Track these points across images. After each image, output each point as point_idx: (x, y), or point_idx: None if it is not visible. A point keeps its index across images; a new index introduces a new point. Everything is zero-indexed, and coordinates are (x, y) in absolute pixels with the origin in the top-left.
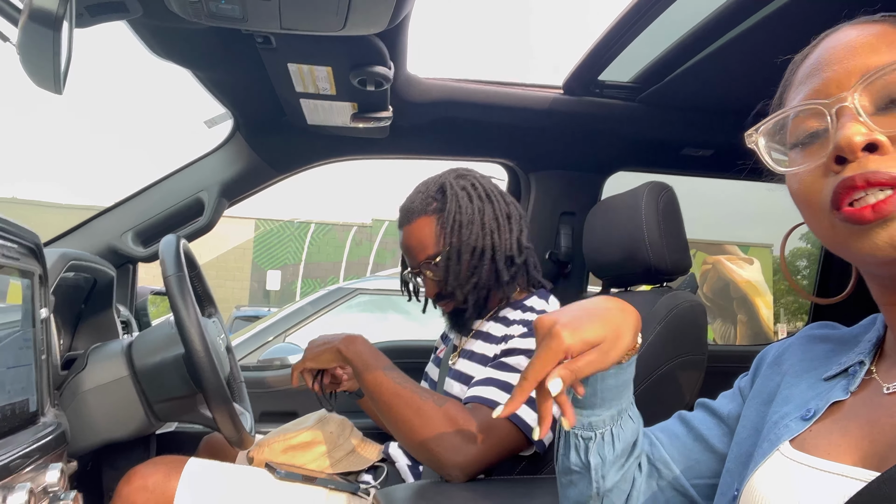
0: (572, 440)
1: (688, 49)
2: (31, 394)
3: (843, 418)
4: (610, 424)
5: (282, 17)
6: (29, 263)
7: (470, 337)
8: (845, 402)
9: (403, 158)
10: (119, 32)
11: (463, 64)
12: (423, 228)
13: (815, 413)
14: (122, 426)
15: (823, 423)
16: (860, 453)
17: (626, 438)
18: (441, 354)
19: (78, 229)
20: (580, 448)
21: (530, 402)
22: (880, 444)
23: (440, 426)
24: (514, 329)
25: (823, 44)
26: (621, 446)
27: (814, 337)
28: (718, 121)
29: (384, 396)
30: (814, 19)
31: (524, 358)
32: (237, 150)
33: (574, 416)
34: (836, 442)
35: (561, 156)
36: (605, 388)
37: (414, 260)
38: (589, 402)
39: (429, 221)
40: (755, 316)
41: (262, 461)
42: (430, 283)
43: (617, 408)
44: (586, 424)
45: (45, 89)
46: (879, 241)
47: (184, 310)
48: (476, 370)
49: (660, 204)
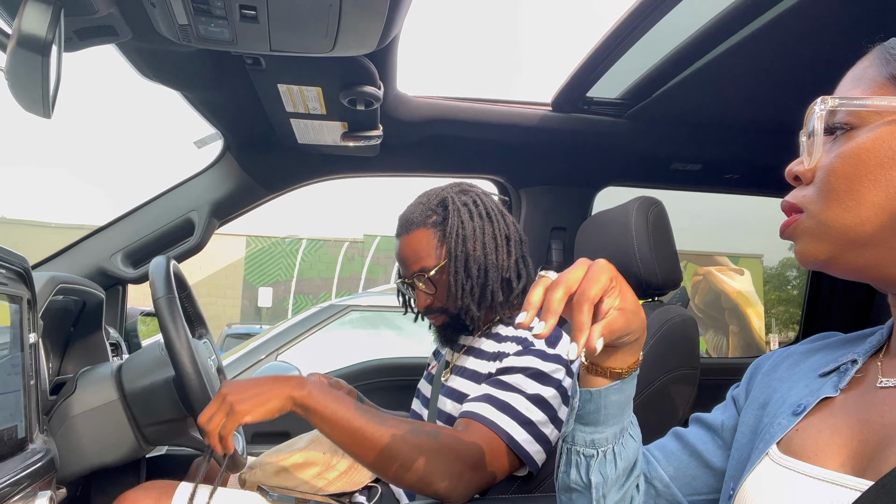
0: (574, 457)
1: (675, 66)
2: (20, 420)
3: (833, 416)
4: (612, 442)
5: (271, 39)
6: (17, 288)
7: (462, 353)
8: (835, 399)
9: (394, 176)
10: (107, 55)
11: (452, 82)
12: (421, 240)
13: (804, 408)
14: (112, 451)
15: (812, 419)
16: (849, 454)
17: (628, 457)
18: (433, 371)
19: (67, 251)
20: (581, 466)
21: (523, 423)
22: (870, 445)
23: (440, 459)
24: (507, 346)
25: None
26: (623, 465)
27: (814, 347)
28: (706, 135)
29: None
30: (798, 36)
31: (522, 377)
32: (227, 169)
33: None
34: (825, 442)
35: (551, 172)
36: (609, 404)
37: (408, 270)
38: (592, 418)
39: (427, 234)
40: (747, 326)
41: (254, 483)
42: (421, 294)
43: (619, 425)
44: (589, 442)
45: (34, 114)
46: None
47: (174, 332)
48: (469, 387)
49: (650, 218)
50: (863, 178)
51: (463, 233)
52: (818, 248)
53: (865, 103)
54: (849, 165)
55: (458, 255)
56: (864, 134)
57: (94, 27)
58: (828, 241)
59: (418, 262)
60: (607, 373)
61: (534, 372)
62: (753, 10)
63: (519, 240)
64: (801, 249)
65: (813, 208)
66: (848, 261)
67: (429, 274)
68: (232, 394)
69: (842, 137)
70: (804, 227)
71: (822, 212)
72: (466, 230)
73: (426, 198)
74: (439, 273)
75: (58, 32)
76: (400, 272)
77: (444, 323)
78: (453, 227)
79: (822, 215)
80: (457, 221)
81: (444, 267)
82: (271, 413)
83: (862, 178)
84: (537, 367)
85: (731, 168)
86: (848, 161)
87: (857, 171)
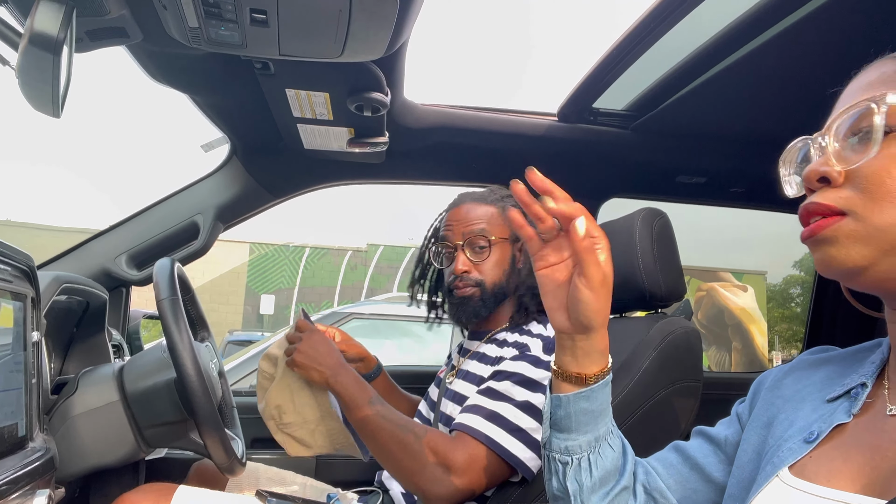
0: (552, 464)
1: (681, 78)
2: (20, 418)
3: (845, 444)
4: (587, 451)
5: (280, 43)
6: (22, 286)
7: (467, 358)
8: (848, 425)
9: (399, 183)
10: (117, 56)
11: (459, 90)
12: (491, 212)
13: (818, 436)
14: (112, 452)
15: (825, 447)
16: (863, 480)
17: (605, 466)
18: (441, 375)
19: (72, 252)
20: (559, 473)
21: (514, 432)
22: (883, 471)
23: (421, 458)
24: (506, 351)
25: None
26: (599, 474)
27: (814, 361)
28: (712, 148)
29: (368, 429)
30: (805, 49)
31: (510, 384)
32: (233, 174)
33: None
34: (837, 468)
35: (555, 182)
36: (579, 412)
37: (467, 228)
38: (564, 424)
39: (497, 211)
40: (750, 343)
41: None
42: (464, 259)
43: (593, 434)
44: (563, 448)
45: (44, 113)
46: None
47: (177, 334)
48: (469, 389)
49: (654, 230)
50: None
51: None
52: (861, 254)
53: None
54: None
55: (521, 247)
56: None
57: (106, 28)
58: (873, 246)
59: (482, 224)
60: (572, 378)
61: (522, 378)
62: (760, 23)
63: None
64: (838, 254)
65: (861, 211)
66: (883, 269)
67: (490, 237)
68: (303, 346)
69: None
70: (848, 229)
71: (873, 214)
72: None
73: (497, 189)
74: (499, 244)
75: (69, 32)
76: (444, 236)
77: (469, 296)
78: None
79: (874, 218)
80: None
81: (507, 243)
82: (310, 379)
83: None
84: (527, 375)
85: (737, 181)
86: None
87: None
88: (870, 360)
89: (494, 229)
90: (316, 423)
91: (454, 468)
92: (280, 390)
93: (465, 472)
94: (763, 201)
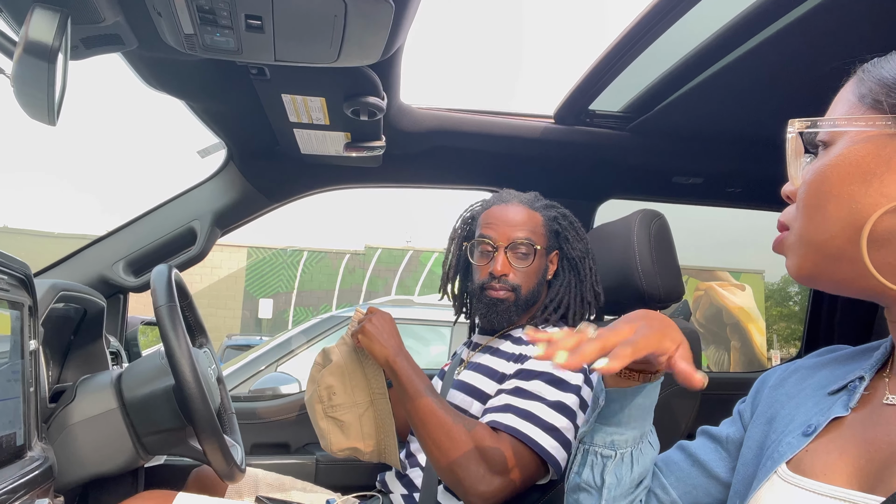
0: (590, 457)
1: (677, 79)
2: (18, 427)
3: (842, 436)
4: (631, 446)
5: (276, 49)
6: (19, 294)
7: (478, 351)
8: (845, 418)
9: (397, 187)
10: (112, 63)
11: (455, 94)
12: (535, 219)
13: (815, 429)
14: (111, 460)
15: (822, 440)
16: (856, 473)
17: (645, 464)
18: (446, 368)
19: (69, 259)
20: (597, 466)
21: (549, 431)
22: (876, 463)
23: (468, 453)
24: (528, 349)
25: None
26: (639, 470)
27: (819, 361)
28: (707, 149)
29: (419, 415)
30: (800, 51)
31: (540, 383)
32: (230, 179)
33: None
34: (832, 462)
35: (552, 184)
36: (634, 406)
37: (512, 232)
38: (616, 419)
39: (540, 219)
40: (748, 342)
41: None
42: (506, 262)
43: (641, 430)
44: (608, 443)
45: (39, 121)
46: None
47: (174, 341)
48: (483, 382)
49: (651, 231)
50: (827, 193)
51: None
52: (801, 264)
53: (833, 123)
54: (817, 182)
55: (562, 254)
56: (832, 151)
57: (101, 35)
58: (807, 257)
59: (528, 231)
60: (637, 376)
61: (551, 378)
62: (754, 25)
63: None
64: (788, 264)
65: (793, 224)
66: (829, 275)
67: (536, 246)
68: (375, 319)
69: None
70: (788, 242)
71: (799, 228)
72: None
73: (535, 196)
74: (540, 253)
75: (64, 40)
76: (486, 234)
77: (502, 299)
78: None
79: (800, 231)
80: (573, 234)
81: (544, 252)
82: (372, 353)
83: (827, 194)
84: (555, 374)
85: (733, 182)
86: (816, 178)
87: (822, 188)
88: (874, 355)
89: (538, 238)
90: (365, 407)
91: (497, 466)
92: (333, 371)
93: (508, 470)
94: (759, 201)
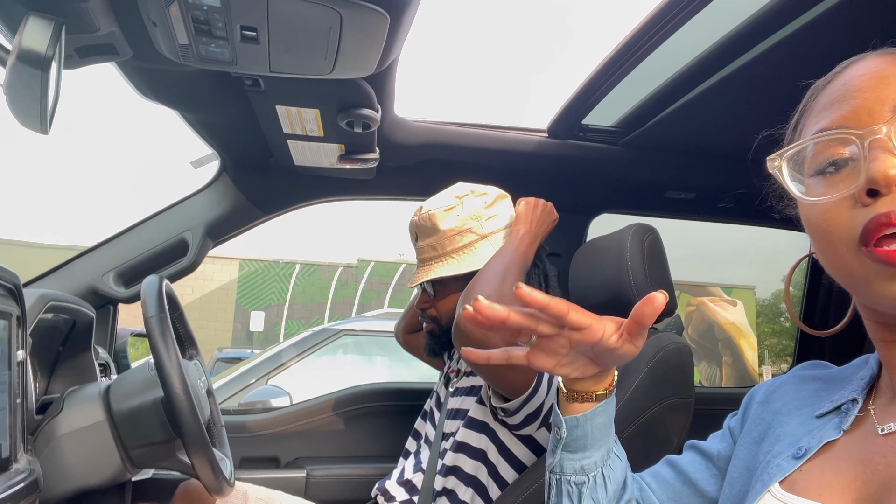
0: (564, 487)
1: (670, 95)
2: (4, 439)
3: (836, 457)
4: (601, 465)
5: (271, 60)
6: (7, 304)
7: (462, 376)
8: (838, 440)
9: (390, 199)
10: (106, 73)
11: (450, 107)
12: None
13: (806, 452)
14: (98, 473)
15: (815, 461)
16: (853, 494)
17: (616, 478)
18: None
19: (58, 269)
20: (573, 494)
21: None
22: (874, 485)
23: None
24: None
25: (850, 70)
26: (613, 487)
27: (805, 376)
28: (700, 164)
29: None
30: (793, 66)
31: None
32: (223, 190)
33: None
34: (828, 482)
35: (545, 198)
36: (595, 427)
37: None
38: (580, 444)
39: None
40: (740, 357)
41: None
42: (424, 295)
43: (606, 447)
44: (578, 469)
45: (31, 130)
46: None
47: (164, 352)
48: (467, 402)
49: (644, 245)
50: None
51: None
52: None
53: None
54: None
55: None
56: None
57: (95, 45)
58: None
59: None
60: (592, 396)
61: None
62: (746, 40)
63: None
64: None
65: None
66: None
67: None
68: (544, 206)
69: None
70: None
71: None
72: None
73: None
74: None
75: (58, 49)
76: None
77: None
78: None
79: None
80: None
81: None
82: (517, 223)
83: None
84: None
85: (725, 197)
86: None
87: None
88: (858, 376)
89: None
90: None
91: None
92: None
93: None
94: (751, 216)
